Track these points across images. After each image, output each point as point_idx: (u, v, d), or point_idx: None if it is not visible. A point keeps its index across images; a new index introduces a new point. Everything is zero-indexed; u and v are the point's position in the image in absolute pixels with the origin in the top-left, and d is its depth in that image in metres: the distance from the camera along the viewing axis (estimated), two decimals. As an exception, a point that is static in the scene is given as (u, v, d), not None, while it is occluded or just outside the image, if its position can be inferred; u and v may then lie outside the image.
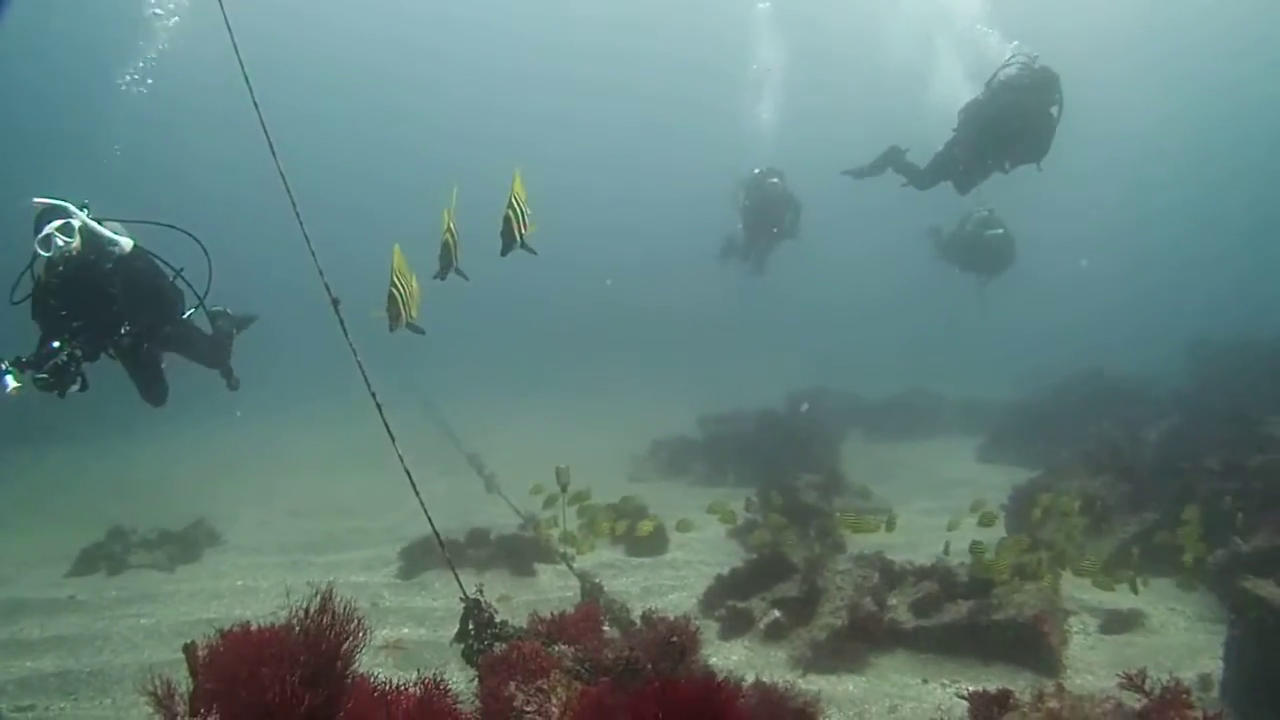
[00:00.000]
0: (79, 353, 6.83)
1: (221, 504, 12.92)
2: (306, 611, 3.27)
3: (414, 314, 4.76)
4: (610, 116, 46.51)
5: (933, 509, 11.72)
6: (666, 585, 8.57)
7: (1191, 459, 9.99)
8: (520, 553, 8.98)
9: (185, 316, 7.79)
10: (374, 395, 4.27)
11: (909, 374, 21.14)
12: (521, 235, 4.74)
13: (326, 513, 12.86)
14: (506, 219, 4.67)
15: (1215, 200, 39.66)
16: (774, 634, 6.91)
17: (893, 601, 7.19)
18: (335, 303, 4.24)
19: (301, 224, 4.19)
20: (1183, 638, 7.09)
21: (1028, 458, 13.99)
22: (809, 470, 12.00)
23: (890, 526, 8.11)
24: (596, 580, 6.94)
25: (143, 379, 7.54)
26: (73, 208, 6.82)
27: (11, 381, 6.51)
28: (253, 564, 10.24)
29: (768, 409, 15.97)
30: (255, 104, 4.32)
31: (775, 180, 15.74)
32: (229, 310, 8.68)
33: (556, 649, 3.68)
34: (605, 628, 4.52)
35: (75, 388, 6.85)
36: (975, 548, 7.17)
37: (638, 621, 5.09)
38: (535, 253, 4.82)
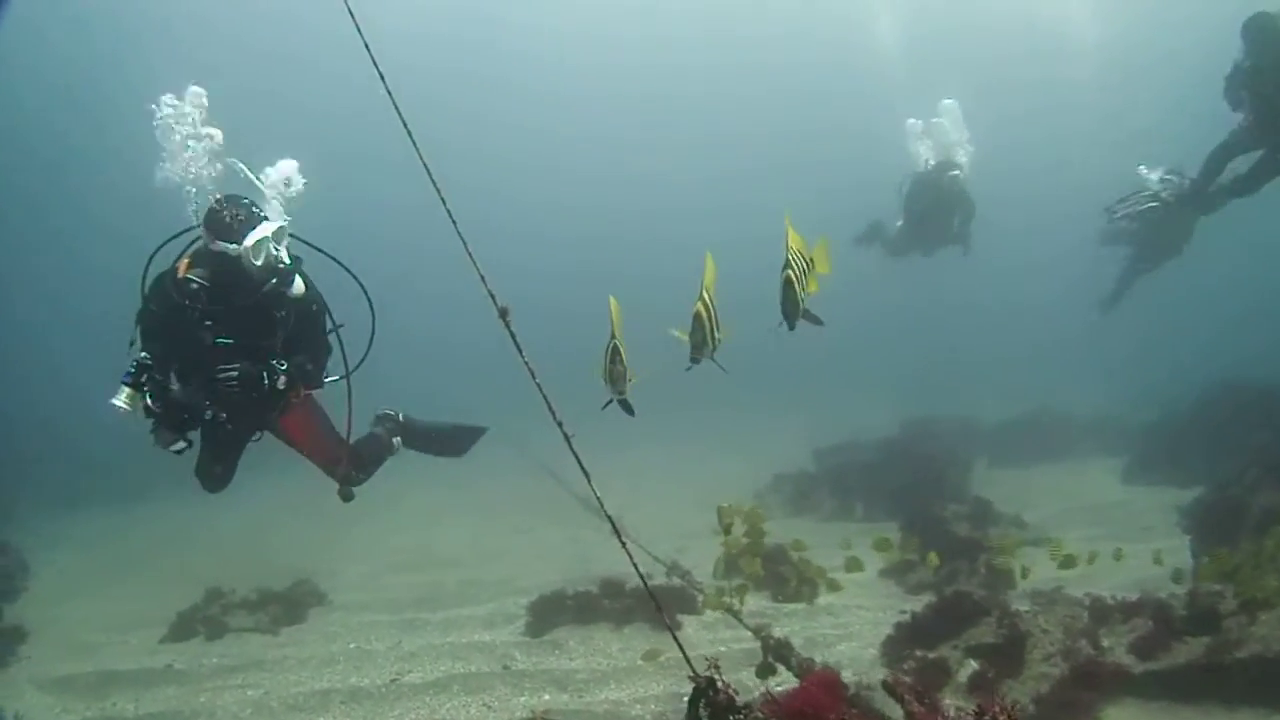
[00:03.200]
0: (203, 406, 5.82)
1: (322, 559, 12.26)
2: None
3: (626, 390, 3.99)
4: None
5: (1096, 536, 10.69)
6: (830, 635, 7.66)
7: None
8: (661, 603, 8.10)
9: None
10: (560, 423, 3.48)
11: (1023, 392, 20.07)
12: (802, 301, 3.86)
13: (433, 565, 12.12)
14: (787, 281, 3.79)
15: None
16: (979, 687, 5.95)
17: (1105, 643, 6.23)
18: (504, 312, 3.47)
19: (453, 219, 3.43)
20: None
21: (1178, 476, 12.95)
22: (943, 500, 11.10)
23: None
24: (781, 636, 6.00)
25: (221, 454, 6.41)
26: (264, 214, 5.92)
27: (123, 402, 5.63)
28: (364, 624, 9.48)
29: (888, 437, 15.14)
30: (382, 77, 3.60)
31: (956, 173, 13.68)
32: (406, 417, 7.53)
33: (818, 737, 2.82)
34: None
35: (180, 447, 5.89)
36: (1239, 573, 6.18)
37: (850, 686, 4.20)
38: (821, 323, 3.98)
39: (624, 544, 3.62)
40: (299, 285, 6.02)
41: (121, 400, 5.60)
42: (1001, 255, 14.44)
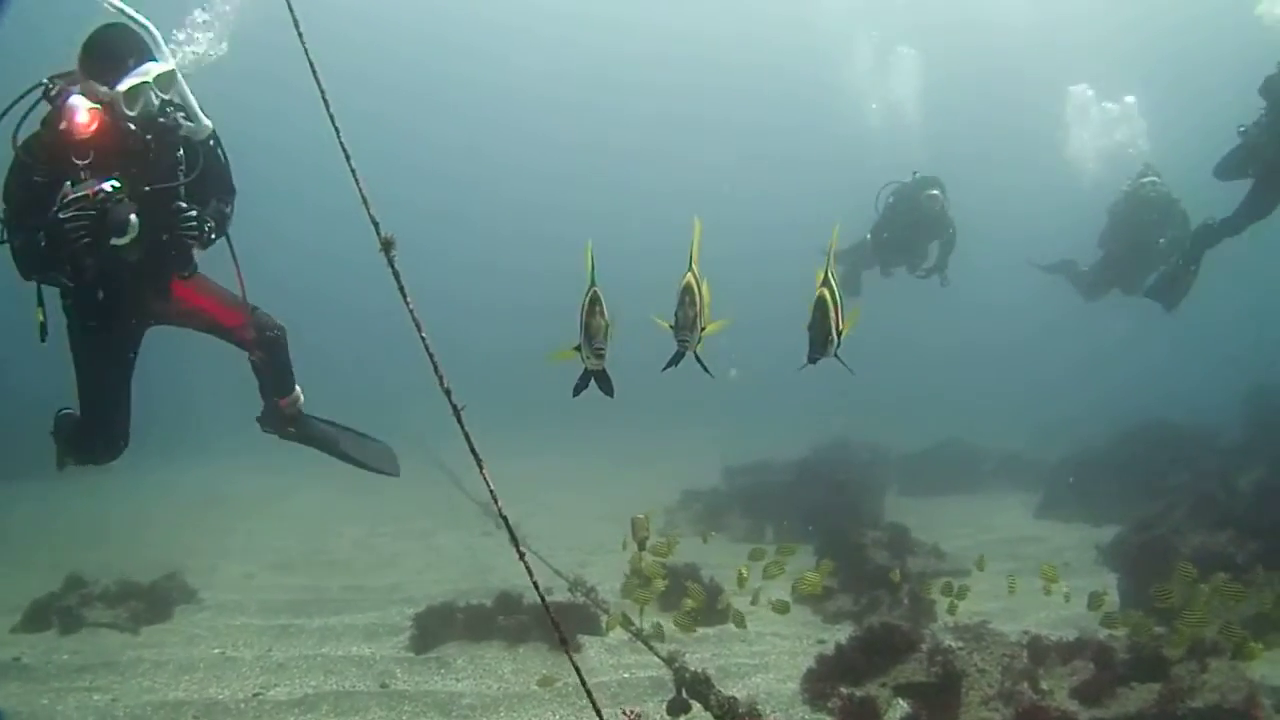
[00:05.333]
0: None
1: (200, 553, 11.40)
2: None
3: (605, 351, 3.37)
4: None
5: (1014, 570, 10.29)
6: (745, 664, 7.05)
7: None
8: (560, 622, 7.38)
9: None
10: (448, 390, 2.83)
11: (935, 423, 19.84)
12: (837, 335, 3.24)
13: (318, 567, 11.28)
14: (820, 302, 3.21)
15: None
16: (912, 731, 5.42)
17: (1045, 685, 5.73)
18: (387, 244, 2.81)
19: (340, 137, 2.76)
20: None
21: (1091, 513, 12.86)
22: (858, 525, 10.66)
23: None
24: (700, 670, 5.32)
25: (112, 368, 5.54)
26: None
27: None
28: (233, 627, 8.63)
29: (801, 459, 14.68)
30: None
31: (935, 193, 12.10)
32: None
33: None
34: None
35: (134, 229, 4.89)
36: (1182, 621, 5.71)
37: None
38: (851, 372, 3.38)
39: (521, 555, 2.99)
40: (205, 124, 5.20)
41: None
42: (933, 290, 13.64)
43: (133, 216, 4.86)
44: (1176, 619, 6.02)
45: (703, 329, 3.49)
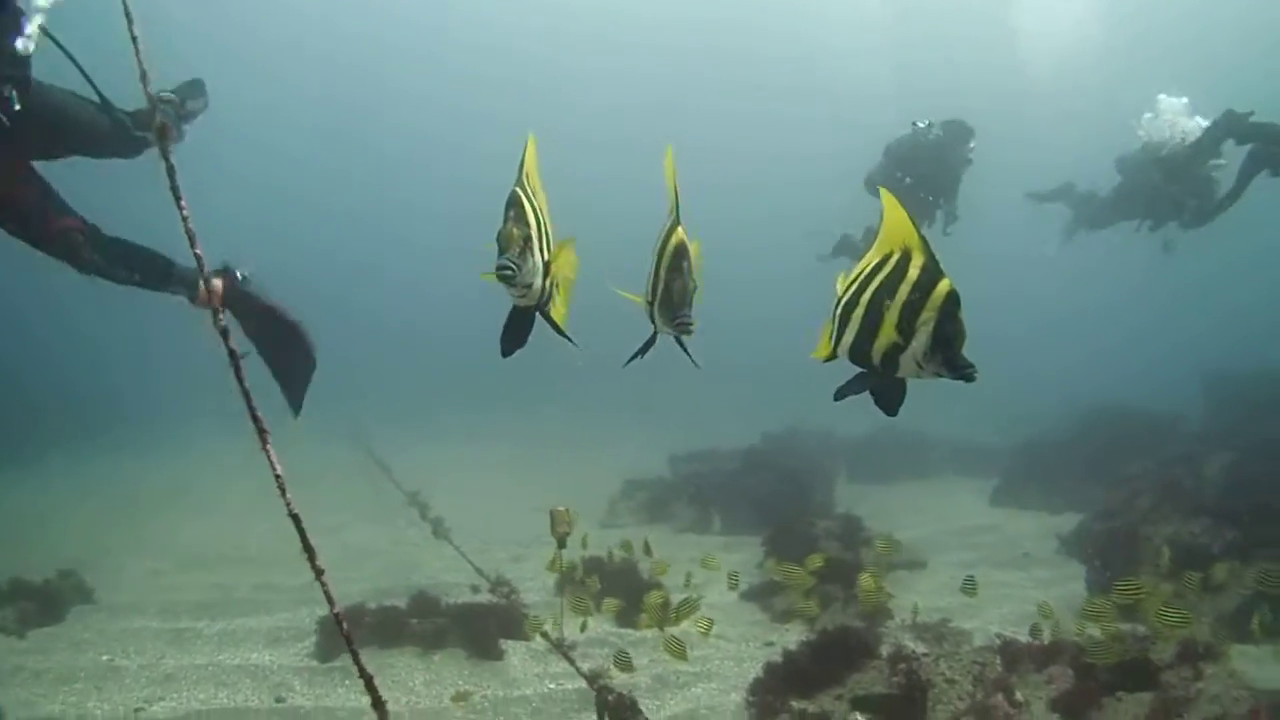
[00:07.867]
0: None
1: (107, 549, 10.59)
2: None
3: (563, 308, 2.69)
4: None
5: (972, 561, 9.80)
6: (685, 672, 6.34)
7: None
8: (481, 625, 6.61)
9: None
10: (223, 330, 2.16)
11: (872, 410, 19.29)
12: None
13: (230, 563, 10.40)
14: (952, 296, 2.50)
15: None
16: (871, 753, 4.77)
17: (1019, 695, 5.10)
18: (162, 131, 2.09)
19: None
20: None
21: (1049, 501, 12.52)
22: (807, 514, 10.10)
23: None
24: (627, 694, 4.60)
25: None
26: None
27: None
28: (126, 631, 7.78)
29: (752, 446, 14.10)
30: None
31: (927, 123, 10.89)
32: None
33: None
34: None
35: None
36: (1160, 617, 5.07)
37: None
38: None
39: (319, 573, 2.35)
40: None
41: None
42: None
43: None
44: (1149, 617, 5.42)
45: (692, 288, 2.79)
